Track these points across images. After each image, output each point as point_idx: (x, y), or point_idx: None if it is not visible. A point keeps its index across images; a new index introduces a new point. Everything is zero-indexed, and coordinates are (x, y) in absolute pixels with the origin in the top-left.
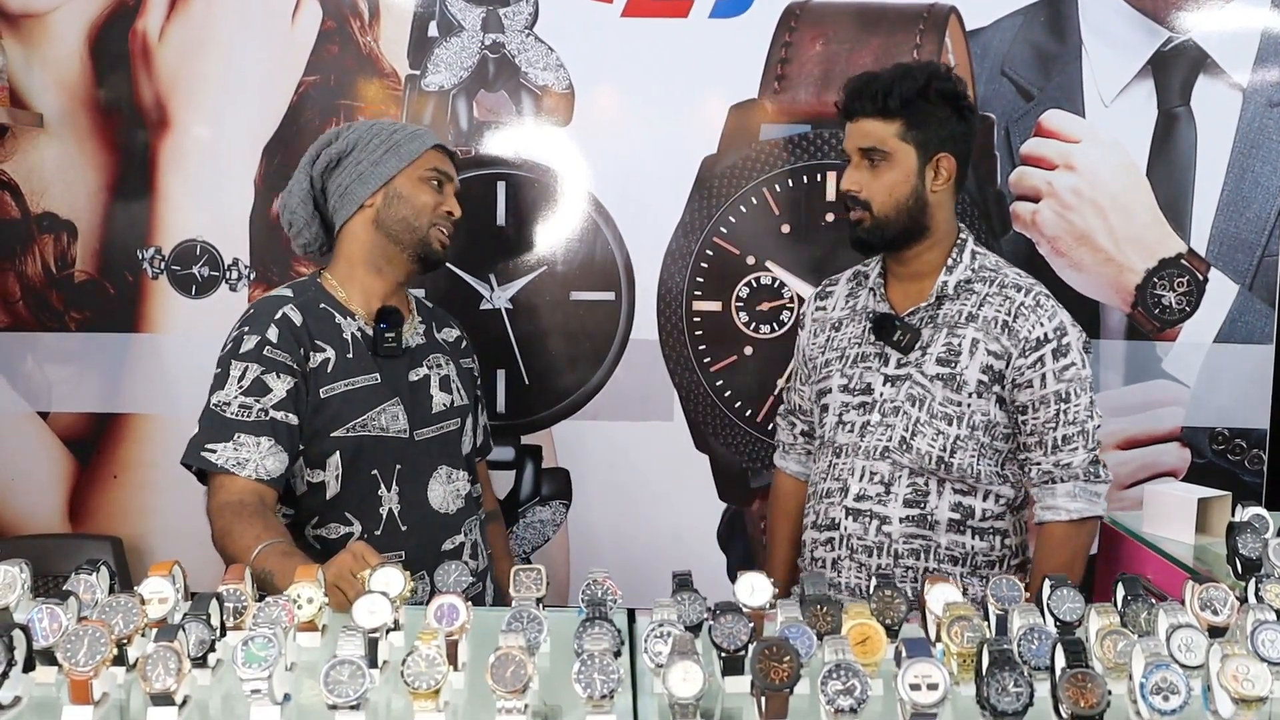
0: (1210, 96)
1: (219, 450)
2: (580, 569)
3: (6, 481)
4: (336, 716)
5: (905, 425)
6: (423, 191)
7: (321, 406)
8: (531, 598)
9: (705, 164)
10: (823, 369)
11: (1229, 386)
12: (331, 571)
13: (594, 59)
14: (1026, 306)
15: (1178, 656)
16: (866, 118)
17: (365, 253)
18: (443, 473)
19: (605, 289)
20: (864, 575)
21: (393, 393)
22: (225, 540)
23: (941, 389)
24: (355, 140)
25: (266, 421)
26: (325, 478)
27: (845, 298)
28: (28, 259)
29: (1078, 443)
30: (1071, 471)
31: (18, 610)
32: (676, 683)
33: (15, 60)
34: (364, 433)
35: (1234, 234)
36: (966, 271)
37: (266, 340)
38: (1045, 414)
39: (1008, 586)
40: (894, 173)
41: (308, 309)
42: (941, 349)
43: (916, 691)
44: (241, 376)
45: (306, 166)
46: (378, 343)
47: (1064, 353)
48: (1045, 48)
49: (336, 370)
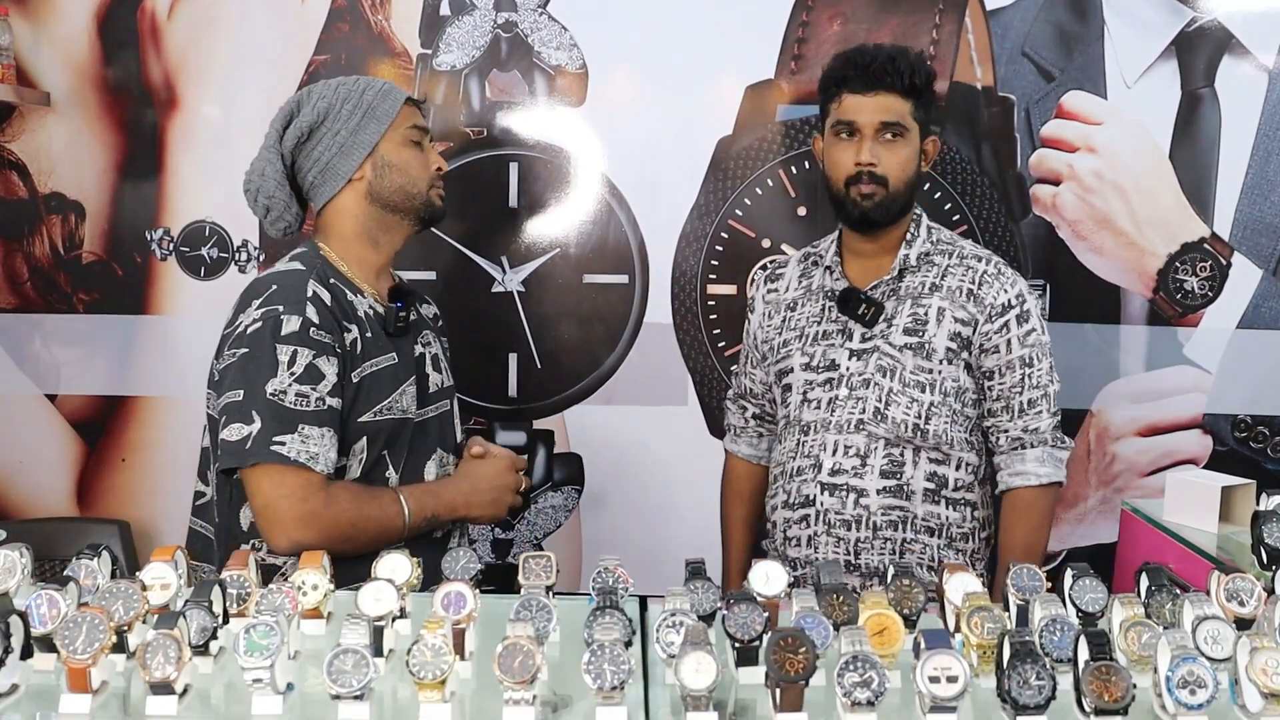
0: (1235, 78)
1: (289, 443)
2: (592, 556)
3: (14, 464)
4: (340, 707)
5: (879, 396)
6: (411, 155)
7: (355, 390)
8: (541, 585)
9: (720, 145)
10: (781, 349)
11: (1252, 373)
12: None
13: (608, 39)
14: (989, 275)
15: (1204, 649)
16: (889, 92)
17: (359, 227)
18: (438, 456)
19: (619, 272)
20: (841, 549)
21: (408, 373)
22: (359, 529)
23: (912, 358)
24: (325, 109)
25: (325, 411)
26: (349, 462)
27: (798, 278)
28: (35, 240)
29: (1042, 406)
30: (1040, 436)
31: (18, 595)
32: (689, 674)
33: (23, 38)
34: (388, 416)
35: (1258, 218)
36: (925, 245)
37: (309, 321)
38: (1011, 379)
39: (1028, 576)
40: (907, 150)
41: (326, 284)
42: (908, 319)
43: (935, 684)
44: (291, 362)
45: (274, 144)
46: (391, 320)
47: (1026, 318)
48: (1067, 28)
49: (363, 351)
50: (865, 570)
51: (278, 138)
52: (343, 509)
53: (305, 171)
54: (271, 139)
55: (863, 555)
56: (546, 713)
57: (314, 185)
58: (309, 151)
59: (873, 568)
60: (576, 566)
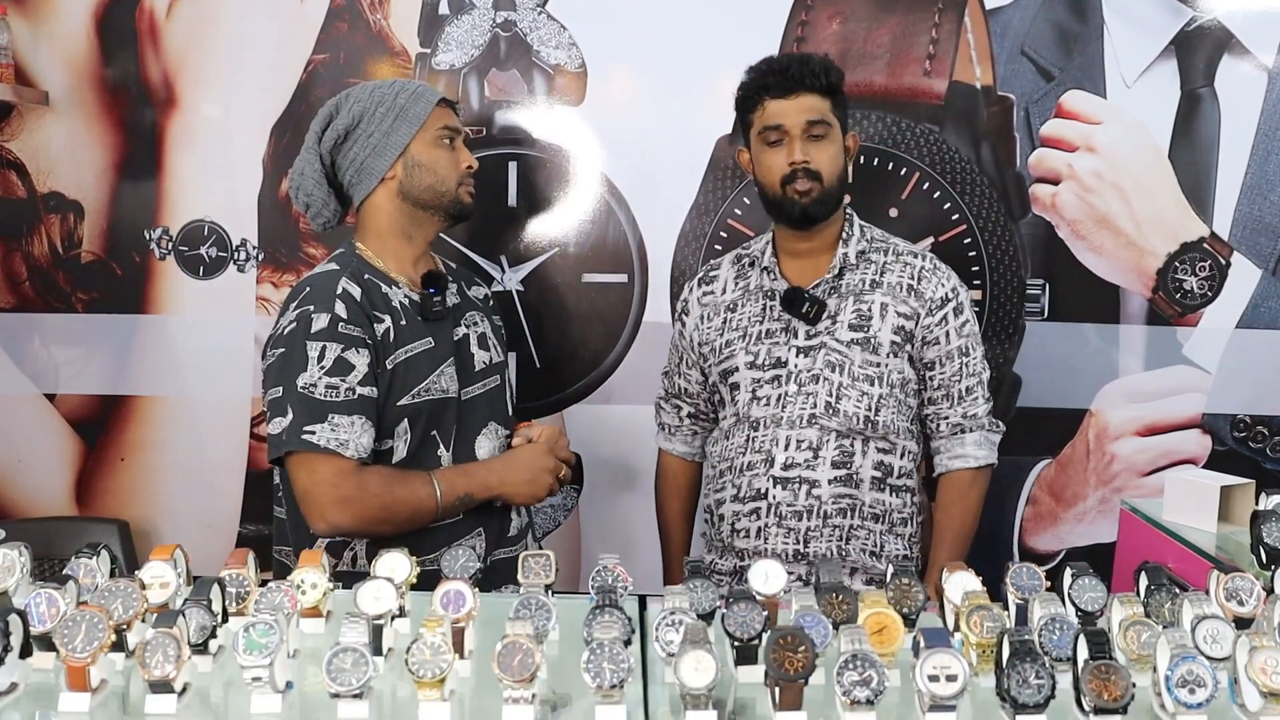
0: (1235, 77)
1: (319, 432)
2: (592, 555)
3: (13, 464)
4: (339, 705)
5: (829, 390)
6: (441, 154)
7: (390, 377)
8: (540, 584)
9: (720, 144)
10: (724, 350)
11: (1251, 373)
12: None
13: (607, 38)
14: (927, 270)
15: (1204, 648)
16: (809, 93)
17: (393, 223)
18: (491, 429)
19: (618, 271)
20: (791, 539)
21: (446, 354)
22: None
23: (859, 352)
24: (360, 111)
25: (356, 400)
26: (394, 444)
27: (734, 280)
28: (34, 239)
29: (978, 393)
30: (978, 421)
31: (17, 594)
32: (688, 672)
33: (21, 37)
34: (428, 397)
35: (1258, 217)
36: (861, 243)
37: (338, 317)
38: (950, 368)
39: (1028, 575)
40: (834, 146)
41: (359, 280)
42: (852, 315)
43: (935, 683)
44: (321, 356)
45: (314, 145)
46: (426, 307)
47: (961, 310)
48: (1066, 27)
49: (398, 339)
50: (813, 558)
51: (316, 139)
52: (374, 492)
53: (343, 171)
54: (311, 140)
55: (811, 544)
56: (546, 711)
57: (352, 184)
58: (346, 152)
59: (820, 555)
60: (576, 566)
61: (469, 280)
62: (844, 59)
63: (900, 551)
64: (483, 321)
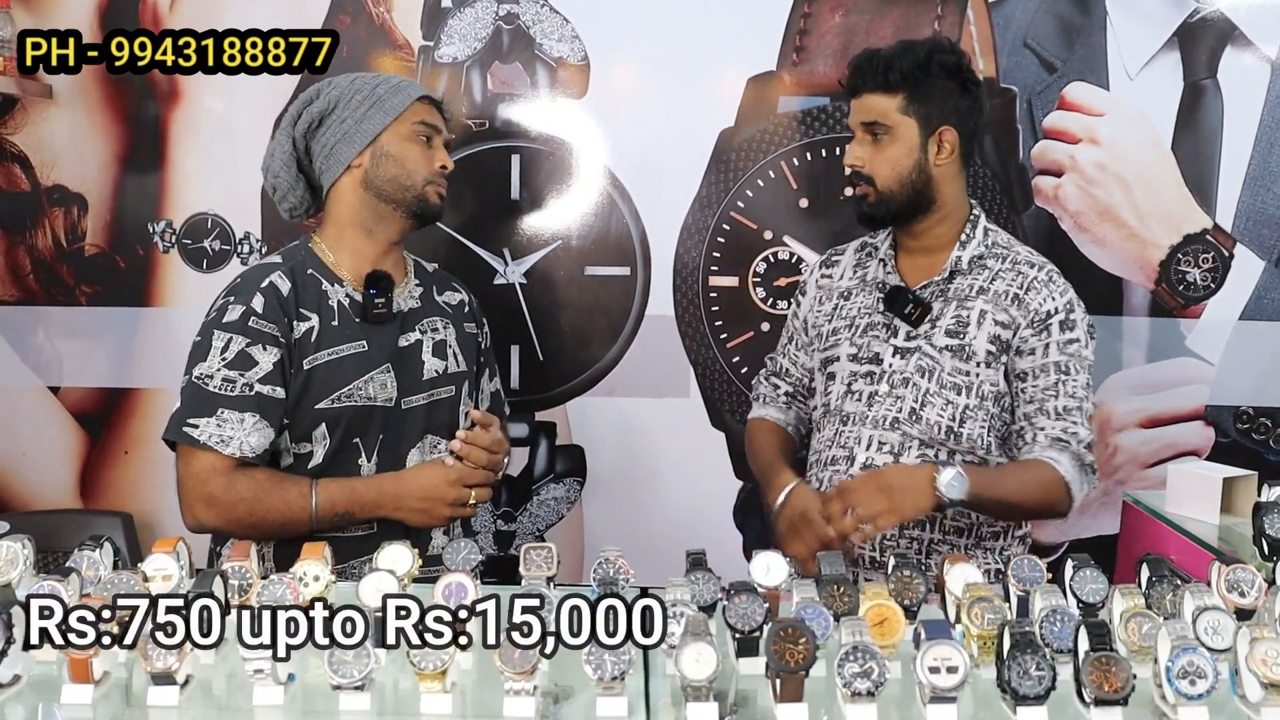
0: (1238, 69)
1: (201, 425)
2: (594, 547)
3: (17, 456)
4: (341, 697)
5: (915, 396)
6: (412, 148)
7: (306, 378)
8: (542, 576)
9: (723, 137)
10: (830, 337)
11: (1254, 365)
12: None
13: (610, 30)
14: (1039, 281)
15: (1205, 639)
16: (869, 93)
17: (354, 214)
18: (427, 442)
19: (620, 264)
20: (867, 546)
21: (382, 359)
22: (258, 517)
23: (950, 359)
24: (337, 97)
25: (252, 396)
26: (312, 448)
27: (853, 268)
28: (38, 232)
29: (1078, 417)
30: (1077, 448)
31: (20, 587)
32: (689, 664)
33: (24, 28)
34: (350, 403)
35: (1261, 209)
36: (980, 248)
37: (252, 311)
38: (1045, 381)
39: (1029, 567)
40: (896, 147)
41: (296, 275)
42: (950, 321)
43: (936, 674)
44: (225, 348)
45: (288, 128)
46: (367, 308)
47: (1070, 327)
48: (1069, 19)
49: (321, 339)
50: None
51: (291, 122)
52: (241, 496)
53: (316, 157)
54: (286, 123)
55: (888, 552)
56: (547, 703)
57: (320, 171)
58: (319, 137)
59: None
60: (578, 559)
61: (444, 285)
62: (846, 52)
63: (993, 566)
64: (446, 329)
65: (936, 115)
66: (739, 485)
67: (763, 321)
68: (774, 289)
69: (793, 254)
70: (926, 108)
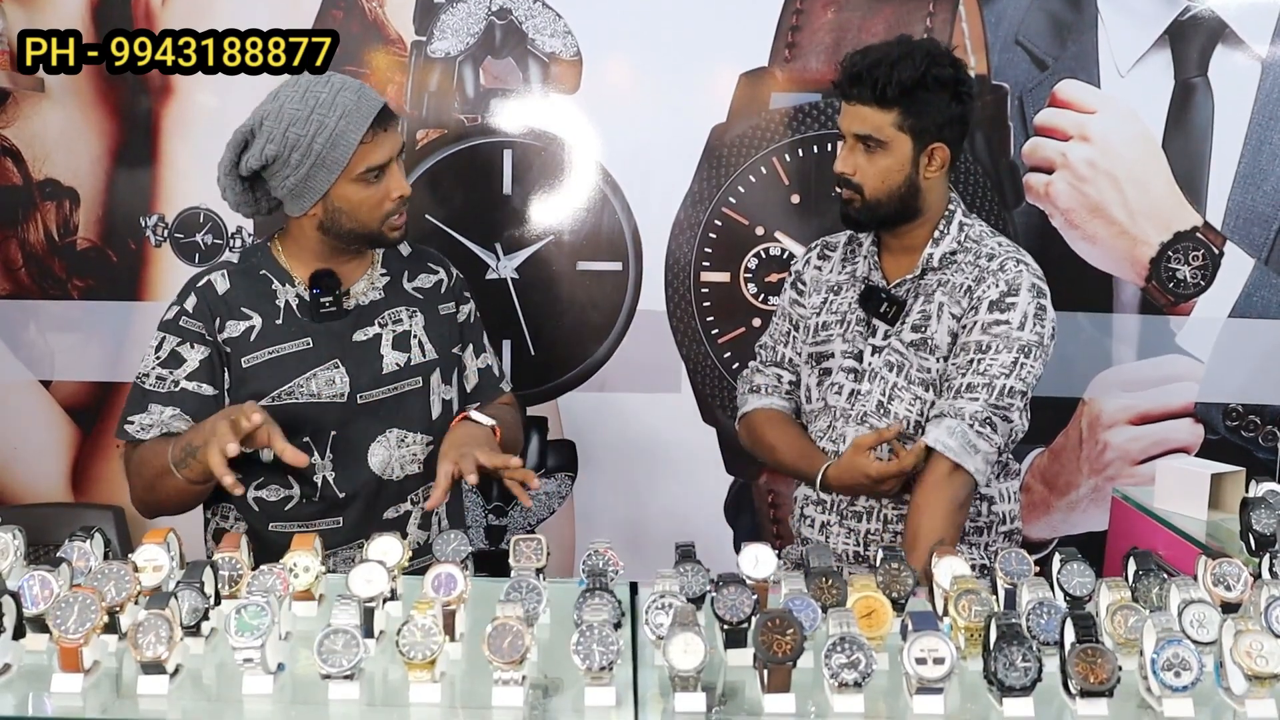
0: (1228, 67)
1: (136, 421)
2: (585, 542)
3: (9, 450)
4: (330, 687)
5: (883, 390)
6: (365, 195)
7: (245, 377)
8: (531, 567)
9: (714, 133)
10: (821, 331)
11: (1243, 362)
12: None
13: (602, 26)
14: (990, 271)
15: (1190, 632)
16: (863, 104)
17: (315, 244)
18: (391, 437)
19: (612, 259)
20: (852, 540)
21: (330, 356)
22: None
23: (915, 355)
24: (273, 154)
25: (177, 393)
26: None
27: (842, 261)
28: (30, 226)
29: (980, 394)
30: (958, 410)
31: (10, 577)
32: (677, 655)
33: (17, 24)
34: (292, 400)
35: (1251, 207)
36: (952, 244)
37: (184, 311)
38: (961, 360)
39: (1017, 560)
40: (888, 160)
41: (242, 275)
42: (917, 316)
43: (922, 665)
44: (159, 347)
45: (233, 152)
46: (314, 307)
47: (1003, 309)
48: (1060, 16)
49: (260, 339)
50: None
51: (232, 165)
52: (134, 470)
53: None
54: (226, 163)
55: (871, 547)
56: (536, 693)
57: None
58: (266, 179)
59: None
60: (569, 553)
61: (419, 268)
62: (838, 48)
63: (978, 562)
64: (412, 318)
65: (930, 131)
66: (730, 480)
67: (754, 317)
68: (765, 285)
69: (784, 250)
70: (920, 123)
